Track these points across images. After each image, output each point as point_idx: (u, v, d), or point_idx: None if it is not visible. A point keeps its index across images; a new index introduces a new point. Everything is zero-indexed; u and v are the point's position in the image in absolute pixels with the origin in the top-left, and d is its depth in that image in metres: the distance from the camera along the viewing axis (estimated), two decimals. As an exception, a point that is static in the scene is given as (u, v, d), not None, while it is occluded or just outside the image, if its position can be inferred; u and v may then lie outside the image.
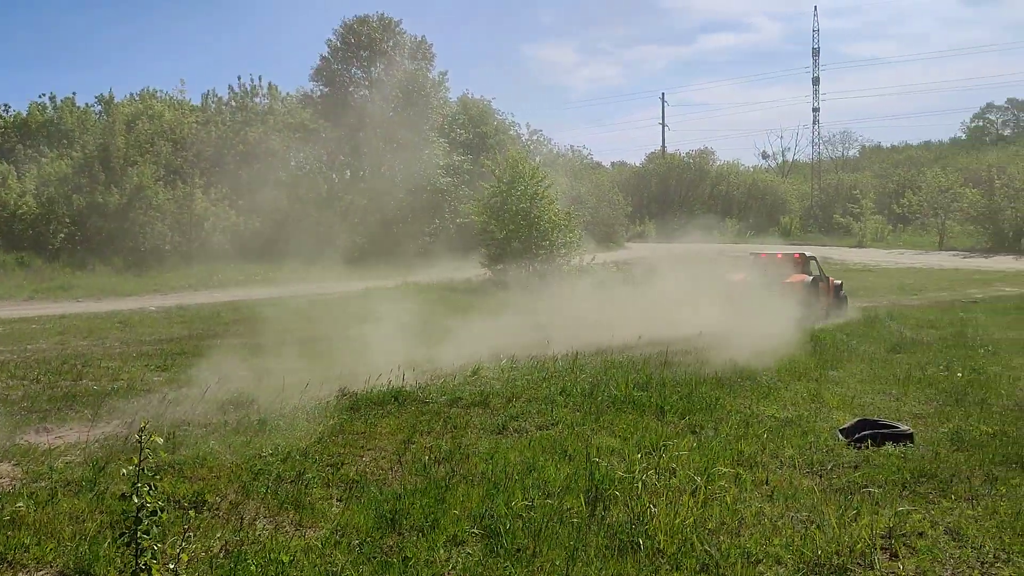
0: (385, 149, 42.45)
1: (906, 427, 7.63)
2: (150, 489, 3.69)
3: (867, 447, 7.12)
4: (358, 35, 41.66)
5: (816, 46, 65.29)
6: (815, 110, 66.77)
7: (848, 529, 5.17)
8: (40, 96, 49.29)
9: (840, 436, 7.53)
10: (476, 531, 5.30)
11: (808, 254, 19.82)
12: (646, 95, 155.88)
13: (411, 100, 42.18)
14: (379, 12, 42.43)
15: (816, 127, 71.13)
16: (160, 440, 3.83)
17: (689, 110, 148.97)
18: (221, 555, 4.83)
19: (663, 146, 79.84)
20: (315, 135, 42.35)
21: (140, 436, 3.72)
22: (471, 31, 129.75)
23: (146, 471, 3.72)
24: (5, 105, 42.41)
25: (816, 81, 65.71)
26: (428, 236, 40.41)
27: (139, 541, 3.61)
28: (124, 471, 3.69)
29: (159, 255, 32.80)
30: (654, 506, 5.45)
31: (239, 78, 59.03)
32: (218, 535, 5.17)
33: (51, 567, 4.77)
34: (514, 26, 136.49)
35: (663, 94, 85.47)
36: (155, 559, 3.71)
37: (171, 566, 3.93)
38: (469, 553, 4.99)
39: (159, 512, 3.71)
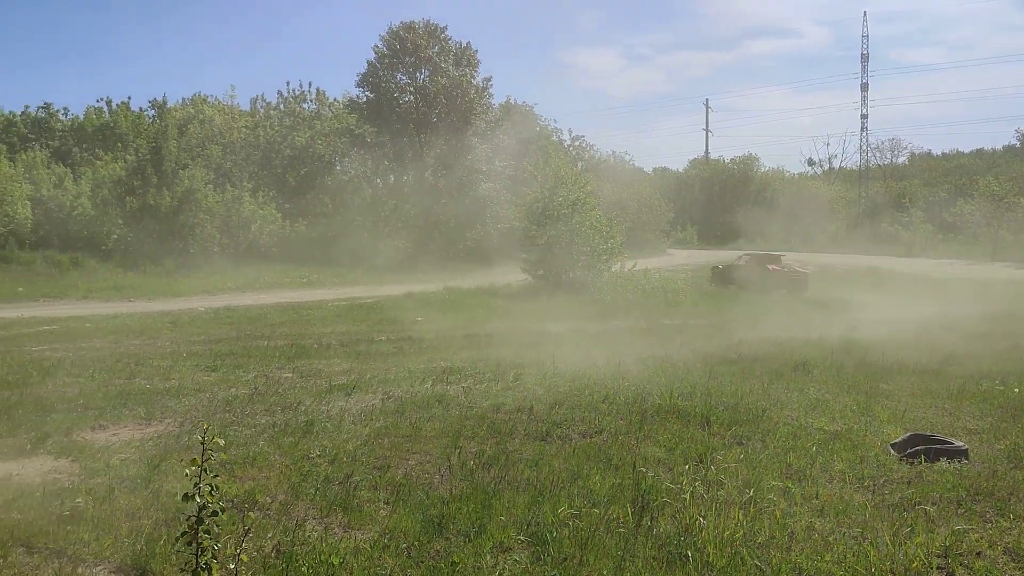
0: (428, 155, 42.76)
1: (961, 443, 7.45)
2: (212, 490, 3.77)
3: (920, 463, 6.97)
4: (404, 41, 42.02)
5: (865, 52, 64.36)
6: (863, 117, 65.83)
7: (903, 547, 5.08)
8: (97, 101, 50.82)
9: (892, 451, 7.39)
10: (522, 538, 5.31)
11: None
12: (689, 101, 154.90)
13: (455, 106, 42.43)
14: (425, 18, 42.82)
15: (864, 134, 70.09)
16: (221, 441, 3.91)
17: (733, 116, 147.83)
18: (273, 555, 4.91)
19: (707, 152, 79.35)
20: (360, 140, 42.82)
21: (203, 437, 3.81)
22: (515, 36, 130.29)
23: (207, 471, 3.80)
24: (64, 109, 43.83)
25: (865, 87, 64.76)
26: (470, 241, 40.59)
27: (200, 541, 3.70)
28: (187, 471, 3.77)
29: (208, 256, 33.42)
30: (703, 518, 5.41)
31: (287, 83, 59.84)
32: (270, 535, 5.25)
33: (109, 562, 4.89)
34: (557, 32, 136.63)
35: (707, 100, 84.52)
36: (215, 559, 3.78)
37: (231, 566, 4.01)
38: (516, 560, 5.00)
39: (220, 513, 3.79)
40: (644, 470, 6.54)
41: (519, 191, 31.63)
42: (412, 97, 43.24)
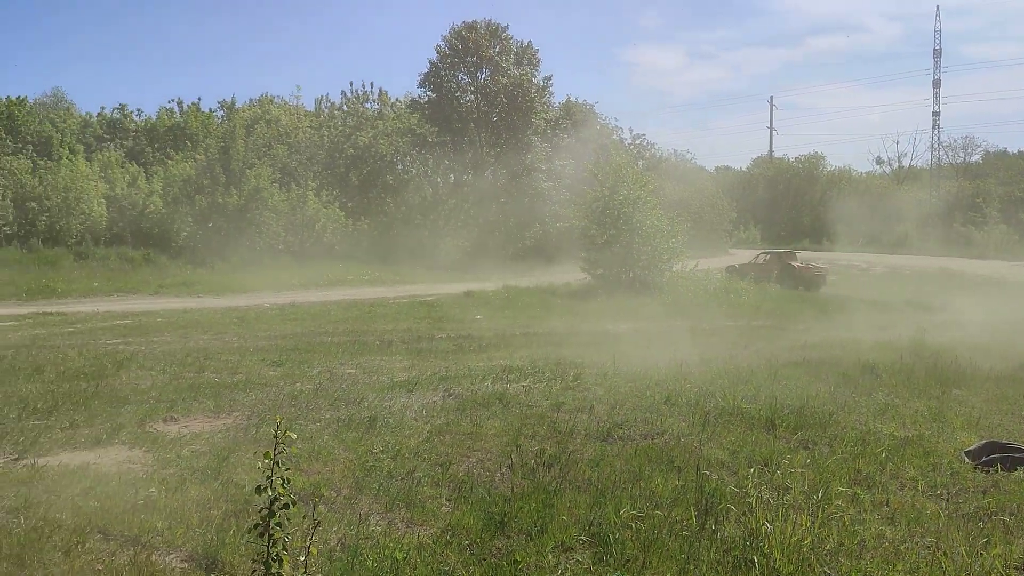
0: (489, 154, 42.94)
1: (1040, 452, 7.18)
2: (283, 483, 3.86)
3: (996, 471, 6.73)
4: (466, 41, 42.26)
5: (938, 47, 62.50)
6: (935, 114, 64.00)
7: (979, 558, 4.91)
8: (168, 102, 52.37)
9: (966, 459, 7.15)
10: (584, 538, 5.28)
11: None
12: (753, 98, 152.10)
13: (515, 105, 42.50)
14: (487, 18, 43.00)
15: (936, 132, 67.99)
16: (294, 435, 3.99)
17: (798, 114, 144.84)
18: (338, 549, 4.99)
19: (771, 150, 78.00)
20: (422, 140, 43.22)
21: (276, 430, 3.89)
22: (576, 35, 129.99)
23: (279, 465, 3.89)
24: (138, 110, 45.27)
25: (937, 84, 62.92)
26: (530, 240, 40.63)
27: (272, 533, 3.78)
28: (260, 464, 3.86)
29: (273, 254, 34.10)
30: (769, 523, 5.31)
31: (351, 84, 60.72)
32: (334, 529, 5.34)
33: (181, 551, 5.02)
34: (619, 30, 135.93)
35: (771, 97, 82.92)
36: (285, 550, 3.87)
37: (301, 558, 4.10)
38: (578, 560, 4.98)
39: (291, 506, 3.87)
40: (708, 473, 6.45)
41: (579, 190, 31.53)
42: (473, 96, 43.47)
